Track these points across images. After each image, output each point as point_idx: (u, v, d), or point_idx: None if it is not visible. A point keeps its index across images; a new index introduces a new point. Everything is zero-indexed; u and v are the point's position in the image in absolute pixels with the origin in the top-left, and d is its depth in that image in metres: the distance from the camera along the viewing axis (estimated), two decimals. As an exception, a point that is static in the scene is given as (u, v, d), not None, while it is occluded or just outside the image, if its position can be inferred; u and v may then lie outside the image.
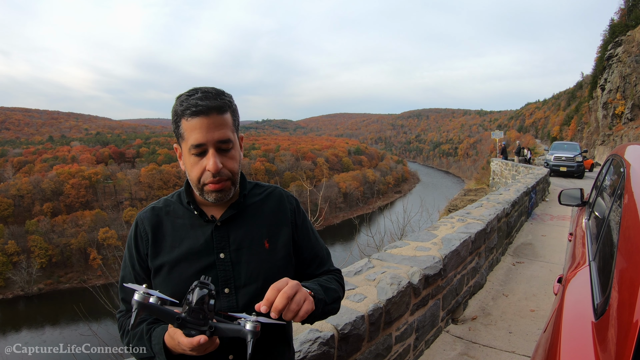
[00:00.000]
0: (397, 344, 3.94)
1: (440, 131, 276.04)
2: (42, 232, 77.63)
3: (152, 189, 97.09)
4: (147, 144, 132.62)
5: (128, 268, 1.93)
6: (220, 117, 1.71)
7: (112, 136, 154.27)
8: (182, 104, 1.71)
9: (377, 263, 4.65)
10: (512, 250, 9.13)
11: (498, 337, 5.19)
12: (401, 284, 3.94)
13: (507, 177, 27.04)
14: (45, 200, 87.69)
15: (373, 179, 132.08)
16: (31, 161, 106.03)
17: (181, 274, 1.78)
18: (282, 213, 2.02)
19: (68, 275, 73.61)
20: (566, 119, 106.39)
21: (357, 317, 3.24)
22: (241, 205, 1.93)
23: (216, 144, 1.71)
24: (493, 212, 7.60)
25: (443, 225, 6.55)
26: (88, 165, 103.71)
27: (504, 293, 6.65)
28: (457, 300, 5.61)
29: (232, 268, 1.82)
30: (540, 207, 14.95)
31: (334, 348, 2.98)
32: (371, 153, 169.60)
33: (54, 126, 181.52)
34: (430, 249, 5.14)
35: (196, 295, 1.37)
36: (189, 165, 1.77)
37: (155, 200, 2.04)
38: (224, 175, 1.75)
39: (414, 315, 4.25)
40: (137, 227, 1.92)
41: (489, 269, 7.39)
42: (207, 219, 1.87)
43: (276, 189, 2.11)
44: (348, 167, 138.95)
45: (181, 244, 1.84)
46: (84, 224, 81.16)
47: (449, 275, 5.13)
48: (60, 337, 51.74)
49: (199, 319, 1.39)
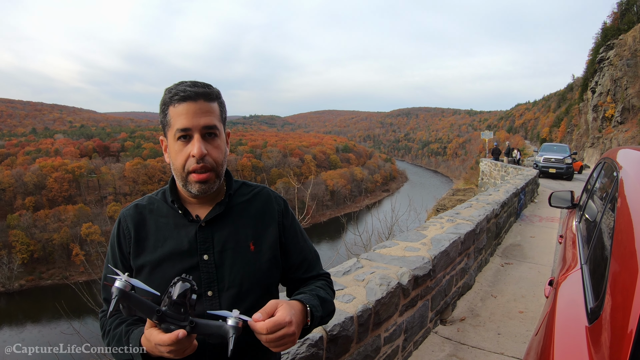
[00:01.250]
0: (385, 345, 3.93)
1: (430, 130, 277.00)
2: (24, 227, 77.05)
3: (137, 184, 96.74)
4: (132, 137, 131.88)
5: (110, 267, 1.86)
6: (207, 104, 1.72)
7: (96, 129, 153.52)
8: (170, 91, 1.72)
9: (366, 263, 4.64)
10: (501, 251, 9.17)
11: (487, 338, 5.21)
12: (390, 284, 3.93)
13: (496, 178, 27.17)
14: (28, 194, 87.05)
15: (361, 177, 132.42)
16: (13, 154, 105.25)
17: (163, 275, 1.76)
18: (269, 214, 1.99)
19: (50, 271, 73.09)
20: (556, 120, 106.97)
21: (346, 318, 3.23)
22: (227, 205, 1.90)
23: (202, 130, 1.70)
24: (482, 213, 7.62)
25: (432, 225, 6.56)
26: (71, 158, 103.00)
27: (492, 294, 6.67)
28: (446, 301, 5.62)
29: (216, 270, 1.80)
30: (529, 208, 15.03)
31: (323, 350, 2.96)
32: (359, 151, 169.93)
33: (37, 118, 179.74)
34: (420, 250, 5.13)
35: (178, 289, 1.35)
36: (174, 153, 1.76)
37: (140, 197, 2.01)
38: (208, 164, 1.73)
39: (402, 316, 4.25)
40: (120, 224, 1.89)
41: (478, 269, 7.41)
42: (191, 219, 1.85)
43: (264, 189, 2.08)
44: (336, 164, 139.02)
45: (164, 244, 1.81)
46: (66, 218, 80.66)
47: (438, 276, 5.14)
48: (40, 335, 51.34)
49: (180, 312, 1.37)
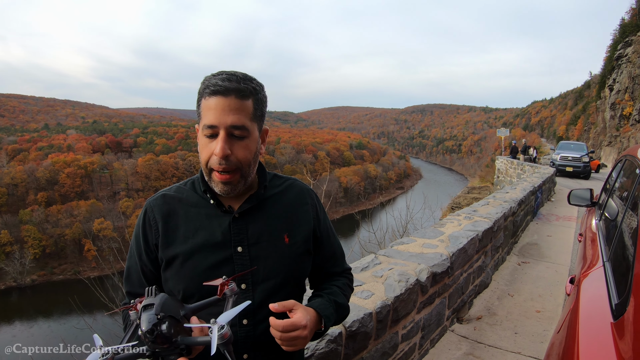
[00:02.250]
0: (403, 342, 3.94)
1: (444, 127, 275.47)
2: (36, 222, 77.30)
3: (149, 180, 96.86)
4: (144, 133, 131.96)
5: (134, 258, 1.87)
6: (239, 102, 1.65)
7: (109, 125, 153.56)
8: (204, 83, 1.68)
9: (384, 259, 4.63)
10: (518, 249, 9.13)
11: (504, 337, 5.19)
12: (409, 281, 3.94)
13: (512, 176, 27.02)
14: (40, 189, 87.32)
15: (375, 174, 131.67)
16: (26, 149, 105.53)
17: (195, 267, 1.72)
18: (303, 207, 1.97)
19: (62, 266, 73.37)
20: (573, 118, 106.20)
21: (365, 314, 3.23)
22: (261, 197, 1.86)
23: (228, 129, 1.64)
24: (500, 211, 7.59)
25: (450, 222, 6.54)
26: (84, 154, 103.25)
27: (509, 293, 6.65)
28: (463, 299, 5.62)
29: (250, 263, 1.76)
30: (546, 207, 14.93)
31: (341, 346, 2.96)
32: (373, 148, 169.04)
33: (49, 114, 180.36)
34: (438, 246, 5.13)
35: (143, 327, 1.26)
36: (201, 146, 1.73)
37: (166, 188, 1.97)
38: (231, 164, 1.67)
39: (420, 314, 4.25)
40: (145, 215, 1.85)
41: (495, 268, 7.39)
42: (224, 210, 1.81)
43: (295, 181, 2.05)
44: (349, 161, 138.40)
45: (195, 235, 1.77)
46: (79, 214, 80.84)
47: (456, 273, 5.13)
48: (49, 330, 51.68)
49: (165, 345, 1.29)
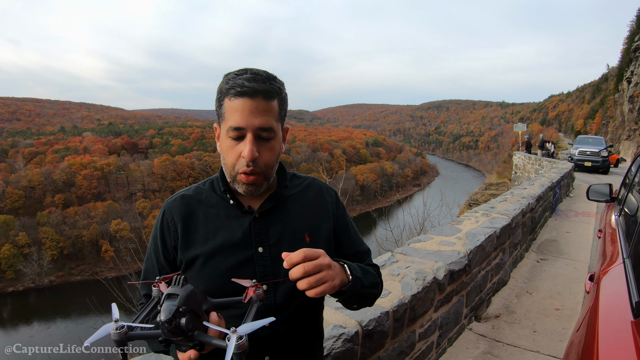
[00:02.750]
0: (420, 341, 3.93)
1: (461, 123, 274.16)
2: (54, 224, 78.03)
3: (166, 180, 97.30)
4: (160, 134, 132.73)
5: (151, 260, 1.85)
6: (265, 103, 1.63)
7: (124, 126, 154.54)
8: (228, 82, 1.64)
9: (401, 257, 4.63)
10: (536, 246, 9.08)
11: (522, 335, 5.17)
12: (426, 279, 3.93)
13: (530, 172, 26.88)
14: (57, 191, 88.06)
15: (391, 172, 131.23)
16: (42, 152, 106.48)
17: (215, 268, 1.70)
18: (323, 205, 1.94)
19: (79, 267, 74.02)
20: (590, 112, 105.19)
21: (382, 313, 3.22)
22: (281, 197, 1.85)
23: (256, 131, 1.62)
24: (518, 207, 7.55)
25: (467, 219, 6.53)
26: (100, 156, 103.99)
27: (528, 291, 6.62)
28: (481, 297, 5.59)
29: (271, 263, 1.75)
30: (565, 203, 14.85)
31: (358, 345, 2.96)
32: (389, 145, 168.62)
33: (65, 116, 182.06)
34: (455, 244, 5.12)
35: (162, 315, 1.21)
36: (225, 148, 1.70)
37: (184, 188, 1.94)
38: (257, 167, 1.66)
39: (437, 312, 4.24)
40: (163, 216, 1.83)
41: (513, 265, 7.35)
42: (244, 210, 1.80)
43: (314, 180, 2.03)
44: (366, 159, 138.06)
45: (215, 236, 1.75)
46: (96, 215, 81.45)
47: (474, 271, 5.11)
48: (66, 330, 52.25)
49: (180, 337, 1.25)
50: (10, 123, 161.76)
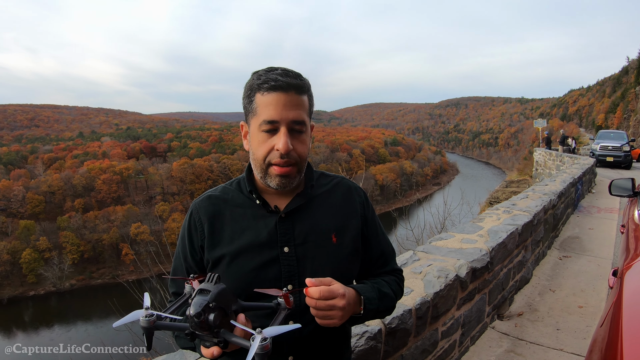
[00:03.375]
0: (443, 339, 3.94)
1: (480, 120, 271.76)
2: (74, 228, 78.77)
3: (184, 184, 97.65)
4: (178, 137, 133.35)
5: (179, 259, 1.87)
6: (298, 97, 1.66)
7: (142, 131, 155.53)
8: (259, 77, 1.67)
9: (423, 255, 4.64)
10: (559, 243, 9.02)
11: (545, 334, 5.15)
12: (448, 277, 3.93)
13: (551, 168, 26.63)
14: (77, 196, 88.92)
15: (411, 171, 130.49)
16: (61, 157, 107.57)
17: (241, 267, 1.72)
18: (351, 205, 1.94)
19: (100, 271, 74.66)
20: (611, 106, 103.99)
21: (405, 311, 3.24)
22: (308, 196, 1.85)
23: (289, 124, 1.65)
24: (539, 204, 7.52)
25: (488, 217, 6.51)
26: (119, 160, 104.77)
27: (550, 288, 6.59)
28: (503, 295, 5.58)
29: (297, 263, 1.75)
30: (587, 199, 14.74)
31: (381, 343, 2.98)
32: (408, 144, 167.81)
33: (83, 122, 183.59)
34: (477, 241, 5.12)
35: (192, 311, 1.26)
36: (256, 142, 1.71)
37: (212, 188, 1.96)
38: (292, 159, 1.68)
39: (460, 310, 4.24)
40: (191, 216, 1.85)
41: (535, 263, 7.32)
42: (270, 210, 1.80)
43: (343, 180, 2.02)
44: (385, 158, 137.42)
45: (241, 236, 1.76)
46: (115, 219, 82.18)
47: (496, 268, 5.10)
48: (86, 334, 52.84)
49: (206, 331, 1.29)
50: (30, 129, 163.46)
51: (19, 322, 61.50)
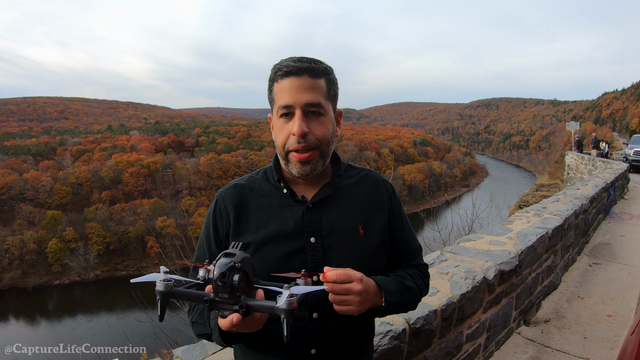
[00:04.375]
0: (467, 342, 3.91)
1: (511, 122, 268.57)
2: (100, 220, 79.82)
3: (212, 179, 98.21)
4: (206, 133, 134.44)
5: (203, 248, 1.88)
6: (312, 80, 1.66)
7: (171, 125, 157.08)
8: (275, 67, 1.70)
9: (450, 256, 4.63)
10: (589, 250, 8.91)
11: (572, 342, 5.09)
12: (476, 278, 3.92)
13: (583, 172, 26.35)
14: (104, 188, 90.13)
15: (439, 172, 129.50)
16: (90, 150, 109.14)
17: (266, 257, 1.71)
18: (378, 198, 1.93)
19: (125, 262, 75.58)
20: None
21: (430, 311, 3.23)
22: (335, 187, 1.85)
23: (304, 107, 1.65)
24: (571, 208, 7.43)
25: (518, 219, 6.46)
26: (147, 154, 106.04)
27: (579, 295, 6.50)
28: (531, 301, 5.53)
29: (323, 254, 1.75)
30: (619, 205, 14.52)
31: (405, 343, 2.97)
32: (438, 144, 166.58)
33: (112, 115, 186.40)
34: (506, 244, 5.08)
35: (216, 271, 1.26)
36: (276, 130, 1.75)
37: (238, 178, 1.97)
38: (310, 142, 1.68)
39: (486, 314, 4.21)
40: (216, 205, 1.87)
41: (564, 268, 7.24)
42: (297, 200, 1.81)
43: (371, 172, 2.02)
44: (413, 158, 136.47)
45: (267, 225, 1.77)
46: (142, 212, 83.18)
47: (524, 272, 5.05)
48: (106, 324, 53.62)
49: (228, 297, 1.29)
50: (59, 122, 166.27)
51: (43, 310, 62.58)
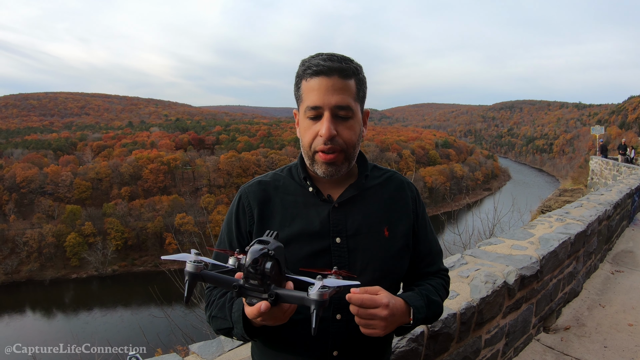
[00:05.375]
0: (485, 347, 3.90)
1: (535, 125, 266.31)
2: (119, 215, 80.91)
3: (231, 177, 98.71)
4: (226, 130, 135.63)
5: (224, 244, 1.87)
6: (342, 81, 1.63)
7: (191, 122, 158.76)
8: (304, 64, 1.67)
9: (470, 259, 4.62)
10: (611, 257, 8.81)
11: (592, 350, 5.04)
12: (496, 283, 3.90)
13: (607, 178, 26.15)
14: (123, 184, 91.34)
15: (461, 174, 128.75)
16: (110, 146, 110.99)
17: (290, 256, 1.68)
18: (404, 200, 1.93)
19: (142, 258, 76.45)
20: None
21: (449, 315, 3.22)
22: (362, 187, 1.84)
23: (333, 109, 1.63)
24: (594, 213, 7.36)
25: (540, 224, 6.41)
26: (167, 150, 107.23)
27: (600, 303, 6.44)
28: (551, 307, 5.48)
29: (348, 255, 1.74)
30: (644, 212, 14.36)
31: (422, 346, 2.96)
32: (459, 146, 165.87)
33: (133, 112, 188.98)
34: (527, 248, 5.05)
35: (249, 257, 1.24)
36: (303, 129, 1.73)
37: (262, 175, 1.96)
38: (337, 145, 1.66)
39: (505, 319, 4.19)
40: (240, 201, 1.86)
41: (586, 275, 7.17)
42: (323, 199, 1.80)
43: (395, 174, 2.01)
44: (435, 160, 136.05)
45: (292, 224, 1.76)
46: (161, 208, 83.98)
47: (545, 278, 5.02)
48: (120, 319, 54.28)
49: (258, 284, 1.27)
50: (80, 117, 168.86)
51: (59, 303, 63.47)
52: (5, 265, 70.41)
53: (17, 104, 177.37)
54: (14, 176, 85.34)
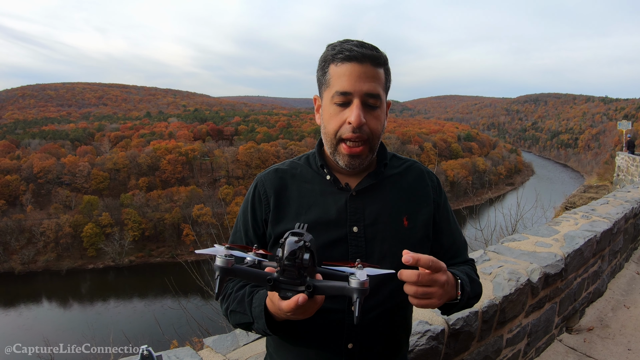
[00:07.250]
0: (507, 347, 3.88)
1: (559, 119, 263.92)
2: (137, 206, 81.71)
3: (250, 168, 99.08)
4: (245, 121, 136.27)
5: (239, 234, 1.87)
6: (374, 69, 1.63)
7: (210, 113, 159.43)
8: (334, 48, 1.65)
9: (493, 256, 4.59)
10: (637, 257, 8.69)
11: (615, 352, 4.98)
12: (519, 280, 3.86)
13: (634, 175, 25.93)
14: (141, 174, 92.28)
15: (483, 169, 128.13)
16: (128, 136, 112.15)
17: None
18: (424, 190, 1.91)
19: (159, 249, 77.22)
20: None
21: (470, 312, 3.20)
22: (380, 176, 1.83)
23: (363, 97, 1.62)
24: (620, 211, 7.25)
25: (565, 220, 6.35)
26: (185, 141, 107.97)
27: (625, 304, 6.36)
28: (574, 307, 5.43)
29: (366, 244, 1.73)
30: (672, 211, 14.20)
31: (443, 344, 2.96)
32: (482, 140, 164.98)
33: (151, 102, 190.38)
34: (552, 246, 5.00)
35: (286, 249, 1.22)
36: (328, 115, 1.69)
37: (279, 163, 1.96)
38: (364, 134, 1.65)
39: (528, 318, 4.16)
40: (255, 189, 1.85)
41: (611, 275, 7.09)
42: (340, 187, 1.79)
43: (415, 163, 1.99)
44: (457, 154, 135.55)
45: (308, 212, 1.76)
46: (178, 199, 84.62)
47: (569, 277, 4.97)
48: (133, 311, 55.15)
49: (294, 277, 1.26)
50: (97, 108, 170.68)
51: (76, 294, 64.27)
52: (22, 255, 71.43)
53: (34, 94, 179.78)
54: (31, 166, 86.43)
